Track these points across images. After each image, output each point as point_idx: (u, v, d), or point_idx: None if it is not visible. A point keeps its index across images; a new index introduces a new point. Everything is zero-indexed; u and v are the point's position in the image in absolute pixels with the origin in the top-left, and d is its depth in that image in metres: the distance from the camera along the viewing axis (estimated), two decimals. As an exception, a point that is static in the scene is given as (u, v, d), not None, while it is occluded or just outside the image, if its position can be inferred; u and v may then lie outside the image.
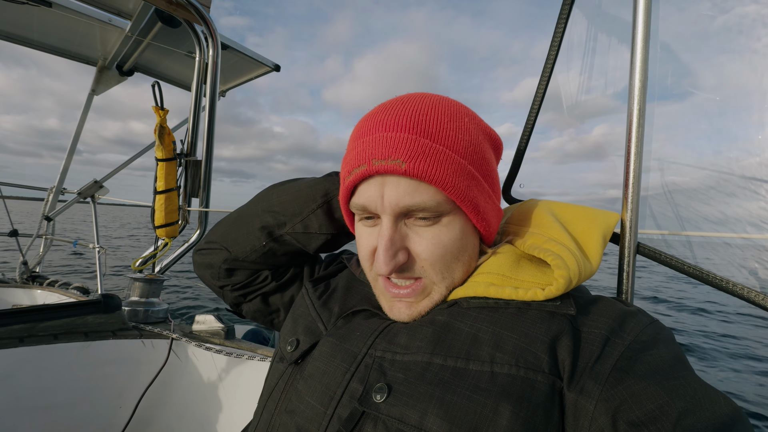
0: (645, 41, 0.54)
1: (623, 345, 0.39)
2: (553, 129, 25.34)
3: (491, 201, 0.47)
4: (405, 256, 0.45)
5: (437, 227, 0.45)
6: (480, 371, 0.40)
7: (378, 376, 0.43)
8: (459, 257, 0.47)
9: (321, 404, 0.45)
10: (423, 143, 0.41)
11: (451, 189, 0.42)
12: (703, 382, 0.37)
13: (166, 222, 1.87)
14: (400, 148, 0.41)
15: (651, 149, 0.58)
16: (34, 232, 2.51)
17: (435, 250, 0.45)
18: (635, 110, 0.55)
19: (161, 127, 1.80)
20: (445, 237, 0.45)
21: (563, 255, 0.45)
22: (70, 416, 1.07)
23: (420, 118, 0.43)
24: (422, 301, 0.48)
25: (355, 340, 0.48)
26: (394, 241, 0.44)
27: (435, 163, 0.41)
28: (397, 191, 0.42)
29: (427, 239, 0.45)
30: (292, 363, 0.52)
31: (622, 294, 0.58)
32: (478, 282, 0.47)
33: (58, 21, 2.12)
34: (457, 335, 0.43)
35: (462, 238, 0.46)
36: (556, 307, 0.43)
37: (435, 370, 0.41)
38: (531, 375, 0.38)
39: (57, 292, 1.88)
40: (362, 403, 0.41)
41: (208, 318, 1.35)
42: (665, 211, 0.61)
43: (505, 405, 0.37)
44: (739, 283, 0.48)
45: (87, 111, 2.80)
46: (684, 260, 0.53)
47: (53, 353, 1.06)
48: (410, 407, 0.39)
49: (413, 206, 0.43)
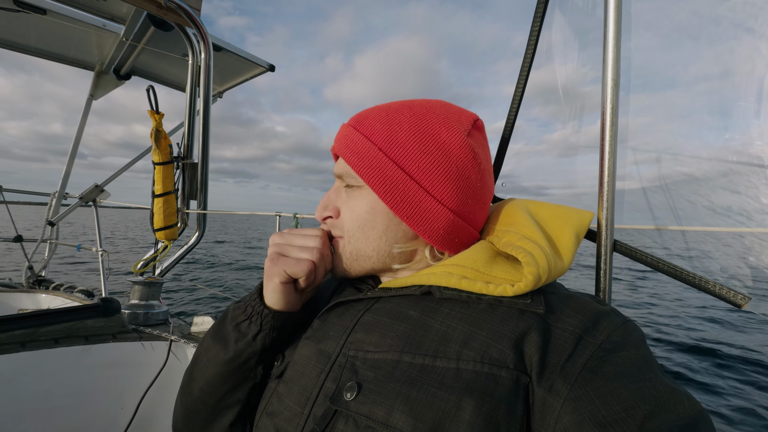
0: (616, 36, 0.54)
1: (594, 344, 0.39)
2: (556, 121, 25.24)
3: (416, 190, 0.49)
4: (333, 212, 0.55)
5: (355, 195, 0.53)
6: (446, 368, 0.41)
7: (350, 375, 0.44)
8: (366, 230, 0.52)
9: (298, 405, 0.46)
10: (348, 130, 0.53)
11: (355, 164, 0.50)
12: (669, 384, 0.37)
13: (165, 225, 1.90)
14: (339, 134, 0.55)
15: (652, 140, 0.58)
16: (38, 237, 2.55)
17: (346, 211, 0.54)
18: (608, 108, 0.55)
19: (157, 131, 1.82)
20: (356, 204, 0.53)
21: (534, 252, 0.45)
22: (73, 418, 1.10)
23: (363, 114, 0.54)
24: (339, 258, 0.55)
25: (329, 339, 0.50)
26: (329, 197, 0.56)
27: (347, 144, 0.52)
28: (337, 163, 0.56)
29: (347, 203, 0.54)
30: (277, 377, 0.53)
31: (599, 292, 0.58)
32: (452, 273, 0.47)
33: (55, 28, 2.14)
34: (428, 332, 0.44)
35: (369, 211, 0.52)
36: (526, 305, 0.44)
37: (404, 368, 0.42)
38: (495, 371, 0.39)
39: (61, 296, 1.91)
40: (334, 402, 0.43)
41: (206, 319, 1.38)
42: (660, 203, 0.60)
43: (468, 400, 0.38)
44: (711, 280, 0.48)
45: (86, 116, 2.83)
46: (659, 258, 0.53)
47: (54, 357, 1.09)
48: (378, 404, 0.40)
49: (336, 173, 0.55)
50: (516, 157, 0.76)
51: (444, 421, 0.37)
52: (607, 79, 0.55)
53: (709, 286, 0.48)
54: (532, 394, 0.38)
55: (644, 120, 0.66)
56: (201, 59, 1.90)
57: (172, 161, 1.89)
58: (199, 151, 2.02)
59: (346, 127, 0.54)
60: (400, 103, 0.54)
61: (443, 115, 0.51)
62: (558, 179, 0.77)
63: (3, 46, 2.37)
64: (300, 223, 1.45)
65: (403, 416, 0.38)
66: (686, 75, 0.65)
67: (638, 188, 0.63)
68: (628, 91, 0.59)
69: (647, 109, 0.66)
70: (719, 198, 0.58)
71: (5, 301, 1.88)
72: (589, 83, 0.71)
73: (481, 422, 0.37)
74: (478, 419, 0.37)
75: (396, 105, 0.53)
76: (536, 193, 2.99)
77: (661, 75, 0.66)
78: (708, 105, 0.60)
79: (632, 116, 0.60)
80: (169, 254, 1.97)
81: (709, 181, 0.58)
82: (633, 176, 0.64)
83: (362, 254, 0.53)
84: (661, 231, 0.60)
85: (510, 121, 0.71)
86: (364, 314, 0.50)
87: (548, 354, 0.40)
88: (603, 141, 0.56)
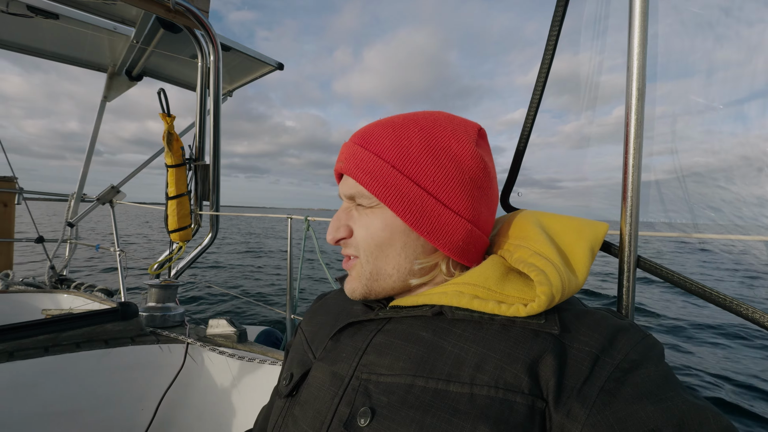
0: (643, 22, 0.50)
1: (612, 365, 0.38)
2: (569, 112, 24.27)
3: (433, 205, 0.49)
4: (346, 232, 0.53)
5: (368, 213, 0.52)
6: (460, 393, 0.40)
7: (363, 399, 0.44)
8: (384, 248, 0.51)
9: (313, 429, 0.46)
10: (356, 149, 0.52)
11: (369, 185, 0.49)
12: (692, 401, 0.36)
13: (180, 226, 1.93)
14: (345, 152, 0.53)
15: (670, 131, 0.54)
16: (58, 237, 2.62)
17: (361, 230, 0.52)
18: (633, 120, 0.52)
19: (169, 133, 1.83)
20: (371, 223, 0.51)
21: (547, 270, 0.44)
22: (96, 420, 1.14)
23: (368, 131, 0.53)
24: (355, 280, 0.54)
25: (341, 362, 0.49)
26: (339, 217, 0.54)
27: (356, 162, 0.51)
28: (345, 184, 0.54)
29: (359, 221, 0.53)
30: (287, 396, 0.54)
31: (621, 309, 0.56)
32: (463, 293, 0.47)
33: (67, 32, 2.17)
34: (440, 355, 0.43)
35: (385, 229, 0.50)
36: (540, 326, 0.42)
37: (417, 392, 0.42)
38: (510, 396, 0.38)
39: (82, 296, 1.97)
40: (348, 428, 0.43)
41: (221, 322, 1.40)
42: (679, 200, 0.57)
43: (483, 428, 0.37)
44: (744, 303, 0.46)
45: (101, 117, 2.88)
46: (687, 276, 0.51)
47: (76, 361, 1.12)
48: (392, 431, 0.40)
49: (350, 195, 0.53)
50: (528, 149, 0.74)
51: None
52: (631, 88, 0.51)
53: (742, 309, 0.45)
54: (550, 420, 0.37)
55: (662, 109, 0.63)
56: (210, 61, 1.90)
57: (184, 163, 1.91)
58: (210, 151, 2.03)
59: (353, 146, 0.52)
60: (404, 117, 0.53)
61: (450, 126, 0.51)
62: (571, 172, 0.74)
63: (20, 51, 2.42)
64: (311, 225, 1.45)
65: None
66: (706, 62, 0.61)
67: (652, 180, 0.59)
68: (651, 81, 0.55)
69: (665, 97, 0.63)
70: (747, 191, 0.54)
71: (29, 301, 1.94)
72: (606, 72, 0.68)
73: None
74: None
75: (401, 119, 0.52)
76: (548, 186, 2.93)
77: (679, 62, 0.62)
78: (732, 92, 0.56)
79: (653, 106, 0.57)
80: (183, 256, 2.00)
81: (731, 174, 0.55)
82: (648, 168, 0.61)
83: (383, 273, 0.52)
84: (677, 224, 0.57)
85: (525, 132, 0.69)
86: (376, 335, 0.50)
87: (565, 377, 0.38)
88: (627, 153, 0.53)
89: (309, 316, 0.65)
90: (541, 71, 0.68)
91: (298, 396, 0.52)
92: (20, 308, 1.90)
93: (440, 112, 0.54)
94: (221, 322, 1.38)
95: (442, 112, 0.54)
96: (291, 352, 0.62)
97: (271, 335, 1.72)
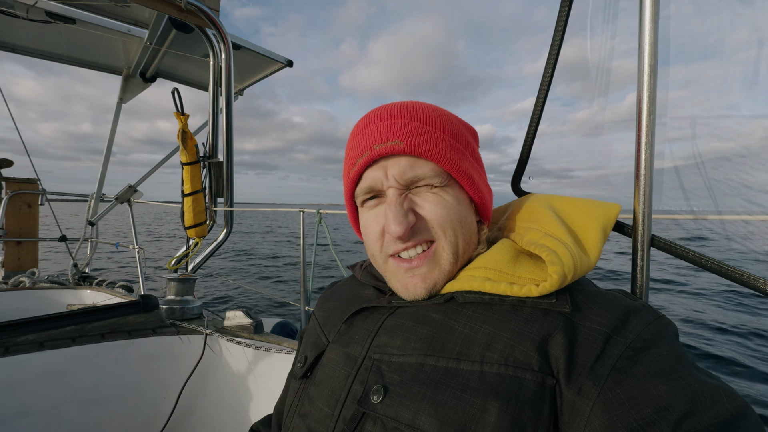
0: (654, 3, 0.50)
1: (624, 344, 0.38)
2: (581, 100, 23.61)
3: (481, 176, 0.53)
4: (414, 217, 0.48)
5: (438, 193, 0.49)
6: (470, 371, 0.41)
7: (376, 377, 0.45)
8: (461, 224, 0.49)
9: (328, 407, 0.47)
10: (416, 125, 0.47)
11: (445, 161, 0.47)
12: (705, 380, 0.35)
13: (195, 222, 1.97)
14: (397, 131, 0.47)
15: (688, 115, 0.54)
16: (80, 236, 2.71)
17: (438, 209, 0.48)
18: (645, 97, 0.52)
19: (183, 132, 1.88)
20: (446, 200, 0.49)
21: (558, 250, 0.44)
22: (121, 407, 1.18)
23: (410, 107, 0.50)
24: (434, 270, 0.49)
25: (355, 343, 0.51)
26: (402, 204, 0.48)
27: (428, 140, 0.47)
28: (399, 167, 0.47)
29: (431, 201, 0.48)
30: (301, 377, 0.55)
31: (636, 290, 0.56)
32: (474, 276, 0.47)
33: (84, 36, 2.23)
34: (451, 335, 0.44)
35: (459, 205, 0.50)
36: (550, 305, 0.43)
37: (428, 370, 0.42)
38: (519, 373, 0.39)
39: (104, 292, 2.04)
40: (362, 404, 0.44)
41: (237, 314, 1.43)
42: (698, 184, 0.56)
43: (493, 403, 0.38)
44: (761, 278, 0.45)
45: (117, 119, 2.95)
46: (702, 254, 0.51)
47: (101, 351, 1.17)
48: (404, 407, 0.41)
49: (414, 177, 0.48)
50: (539, 138, 0.73)
51: (469, 423, 0.38)
52: (643, 65, 0.51)
53: (759, 284, 0.45)
54: (561, 396, 0.38)
55: (679, 94, 0.61)
56: (222, 59, 1.93)
57: (198, 161, 1.95)
58: (223, 149, 2.07)
59: (412, 123, 0.48)
60: (403, 102, 0.53)
61: (445, 110, 0.54)
62: (583, 160, 0.73)
63: (41, 57, 2.50)
64: (323, 218, 1.47)
65: (429, 419, 0.39)
66: (723, 43, 0.59)
67: (671, 167, 0.59)
68: (665, 64, 0.55)
69: (682, 82, 0.61)
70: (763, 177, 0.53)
71: (55, 297, 2.02)
72: (618, 57, 0.67)
73: (507, 425, 0.37)
74: (503, 422, 0.37)
75: (409, 102, 0.52)
76: (560, 175, 2.85)
77: (696, 44, 0.61)
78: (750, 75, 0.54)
79: (669, 90, 0.56)
80: (199, 251, 2.05)
81: (752, 159, 0.54)
82: (665, 155, 0.60)
83: (461, 253, 0.50)
84: (697, 210, 0.56)
85: (535, 117, 0.69)
86: (387, 318, 0.51)
87: (576, 355, 0.38)
88: (639, 130, 0.53)
89: (321, 302, 0.67)
90: (550, 54, 0.67)
91: (313, 377, 0.53)
92: (47, 304, 1.98)
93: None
94: (238, 314, 1.42)
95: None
96: (305, 338, 0.64)
97: (287, 327, 1.76)
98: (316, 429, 0.47)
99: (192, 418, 1.27)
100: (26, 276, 2.37)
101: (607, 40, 0.66)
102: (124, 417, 1.18)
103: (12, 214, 2.86)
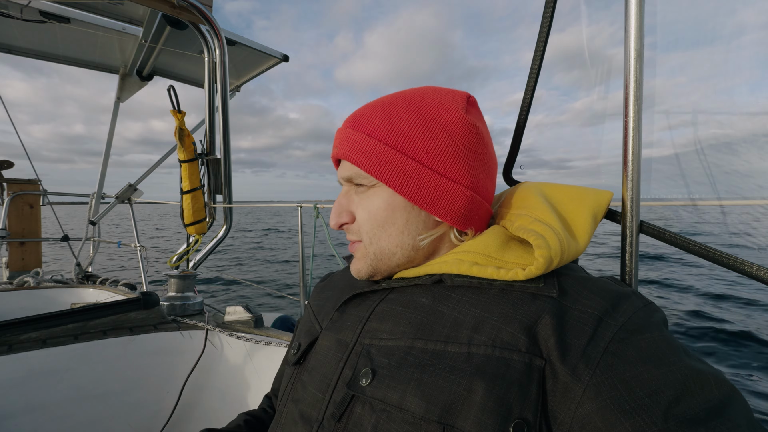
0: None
1: (615, 326, 0.38)
2: (579, 89, 22.82)
3: (430, 176, 0.49)
4: (348, 217, 0.55)
5: (368, 194, 0.53)
6: (458, 353, 0.41)
7: (365, 361, 0.46)
8: (386, 227, 0.52)
9: (320, 391, 0.49)
10: (348, 132, 0.52)
11: (364, 164, 0.50)
12: (694, 366, 0.36)
13: (195, 220, 1.98)
14: (338, 138, 0.54)
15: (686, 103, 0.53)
16: (82, 236, 2.73)
17: (362, 213, 0.53)
18: (632, 82, 0.51)
19: (180, 129, 1.88)
20: (370, 204, 0.52)
21: (546, 234, 0.45)
22: (125, 402, 1.20)
23: (358, 114, 0.54)
24: (361, 260, 0.55)
25: (347, 330, 0.52)
26: (340, 203, 0.55)
27: (351, 146, 0.51)
28: (342, 168, 0.55)
29: (360, 204, 0.54)
30: (295, 364, 0.57)
31: (625, 276, 0.56)
32: (463, 260, 0.48)
33: (79, 35, 2.23)
34: (440, 318, 0.45)
35: (386, 208, 0.51)
36: (538, 289, 0.43)
37: (416, 353, 0.43)
38: (506, 354, 0.39)
39: (107, 290, 2.06)
40: (351, 387, 0.45)
41: (237, 309, 1.44)
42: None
43: (479, 383, 0.38)
44: (747, 261, 0.45)
45: (115, 119, 2.96)
46: (690, 238, 0.51)
47: (104, 347, 1.19)
48: (392, 389, 0.42)
49: (348, 177, 0.53)
50: (536, 129, 0.73)
51: (456, 403, 0.38)
52: (629, 50, 0.51)
53: (745, 267, 0.45)
54: (553, 378, 0.38)
55: (677, 80, 0.61)
56: (216, 55, 1.92)
57: (196, 158, 1.95)
58: (221, 146, 2.07)
59: (345, 130, 0.53)
60: (392, 95, 0.54)
61: (438, 98, 0.51)
62: (581, 150, 0.73)
63: (36, 57, 2.50)
64: (321, 213, 1.47)
65: (415, 399, 0.40)
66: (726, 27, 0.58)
67: (671, 155, 0.58)
68: (656, 50, 0.54)
69: (680, 68, 0.61)
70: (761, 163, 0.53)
71: (58, 296, 2.04)
72: (617, 44, 0.66)
73: (492, 404, 0.37)
74: (489, 401, 0.37)
75: (389, 98, 0.53)
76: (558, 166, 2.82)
77: (695, 29, 0.60)
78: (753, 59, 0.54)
79: (664, 77, 0.55)
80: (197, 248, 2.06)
81: (751, 145, 0.53)
82: (665, 143, 0.60)
83: (386, 252, 0.53)
84: (696, 197, 0.56)
85: (525, 104, 0.68)
86: (378, 304, 0.51)
87: (566, 336, 0.39)
88: (626, 116, 0.53)
89: (317, 291, 0.68)
90: (539, 42, 0.67)
91: (306, 363, 0.55)
92: (51, 303, 2.00)
93: (427, 87, 0.55)
94: (238, 309, 1.43)
95: (429, 86, 0.55)
96: (299, 326, 0.65)
97: (287, 321, 1.77)
98: (307, 413, 0.48)
99: (195, 411, 1.29)
100: (30, 276, 2.39)
101: (605, 27, 0.65)
102: (128, 412, 1.20)
103: (14, 215, 2.88)
